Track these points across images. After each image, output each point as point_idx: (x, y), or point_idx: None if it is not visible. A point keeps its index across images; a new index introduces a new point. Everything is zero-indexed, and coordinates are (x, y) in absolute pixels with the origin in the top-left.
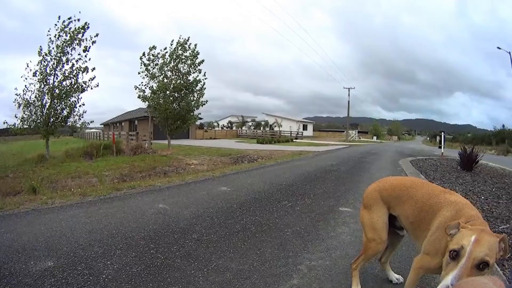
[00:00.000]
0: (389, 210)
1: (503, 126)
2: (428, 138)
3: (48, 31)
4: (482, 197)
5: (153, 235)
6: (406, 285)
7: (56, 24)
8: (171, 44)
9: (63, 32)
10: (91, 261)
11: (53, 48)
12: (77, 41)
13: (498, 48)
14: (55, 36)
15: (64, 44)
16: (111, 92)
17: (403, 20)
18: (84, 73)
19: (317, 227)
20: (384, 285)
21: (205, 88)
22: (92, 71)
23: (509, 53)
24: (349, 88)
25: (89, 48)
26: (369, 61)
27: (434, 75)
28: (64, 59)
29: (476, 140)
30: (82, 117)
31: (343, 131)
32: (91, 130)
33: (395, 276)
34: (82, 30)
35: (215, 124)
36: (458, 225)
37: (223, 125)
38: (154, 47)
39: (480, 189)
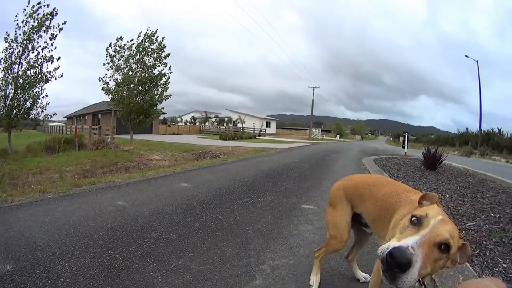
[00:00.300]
0: (354, 208)
1: (467, 129)
2: (391, 138)
3: (16, 16)
4: (447, 196)
5: (111, 234)
6: (369, 286)
7: (25, 9)
8: (139, 36)
9: (31, 18)
10: (49, 264)
11: (19, 34)
12: (44, 28)
13: (466, 56)
14: (22, 22)
15: (31, 30)
16: (76, 84)
17: (373, 24)
18: (49, 63)
19: (279, 225)
20: (352, 284)
21: (169, 82)
22: (57, 60)
23: (477, 61)
24: (313, 87)
25: (55, 36)
26: (336, 62)
27: (400, 78)
28: (30, 46)
29: (439, 141)
30: (45, 109)
31: (306, 129)
32: (55, 124)
33: (362, 275)
34: (50, 17)
35: (179, 119)
36: (435, 198)
37: (186, 120)
38: (121, 38)
39: (444, 188)
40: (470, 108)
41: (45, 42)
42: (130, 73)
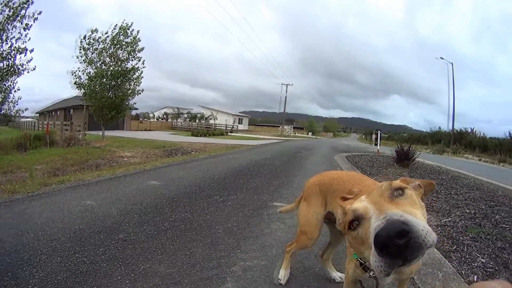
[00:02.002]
0: (327, 205)
1: (439, 128)
2: (363, 136)
3: None
4: None
5: (79, 236)
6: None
7: None
8: (114, 29)
9: (6, 6)
10: (17, 269)
11: None
12: (19, 18)
13: (441, 58)
14: None
15: (6, 20)
16: (49, 78)
17: (349, 24)
18: (22, 55)
19: (250, 223)
20: (327, 285)
21: (142, 77)
22: (30, 52)
23: (451, 64)
24: (287, 85)
25: (30, 26)
26: (310, 60)
27: (373, 77)
28: (4, 37)
29: (412, 139)
30: (17, 104)
31: (279, 126)
32: (27, 120)
33: (337, 275)
34: (25, 6)
35: (151, 115)
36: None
37: (158, 116)
38: (95, 30)
39: None
40: (443, 109)
41: (19, 32)
42: (103, 67)
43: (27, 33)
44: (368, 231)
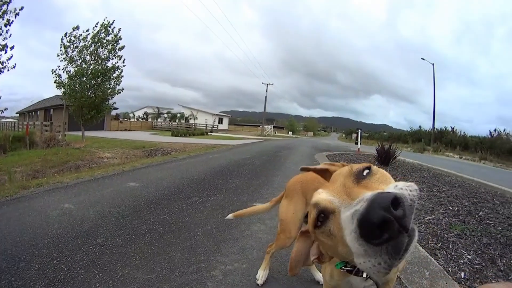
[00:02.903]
0: (308, 205)
1: (420, 127)
2: (343, 135)
3: None
4: None
5: (56, 242)
6: None
7: None
8: (95, 26)
9: None
10: None
11: None
12: (1, 13)
13: (422, 59)
14: None
15: None
16: (30, 77)
17: (331, 25)
18: (2, 52)
19: (230, 225)
20: (312, 286)
21: (122, 76)
22: (10, 50)
23: (433, 64)
24: (267, 84)
25: (11, 22)
26: (290, 59)
27: (353, 77)
28: None
29: (392, 138)
30: None
31: (259, 126)
32: (7, 120)
33: (321, 276)
34: (8, 1)
35: (131, 115)
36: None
37: (139, 116)
38: (77, 27)
39: None
40: (423, 108)
41: (0, 29)
42: (84, 65)
43: (8, 29)
44: (340, 228)
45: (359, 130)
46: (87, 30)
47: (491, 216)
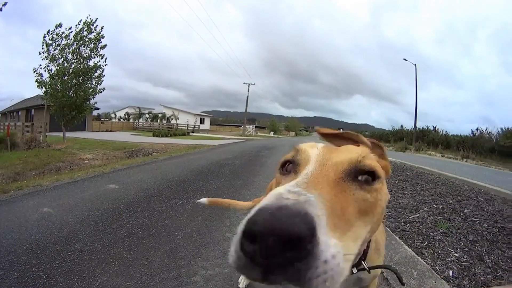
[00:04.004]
0: None
1: (402, 126)
2: None
3: None
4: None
5: (35, 248)
6: None
7: None
8: (78, 24)
9: None
10: None
11: None
12: None
13: (405, 59)
14: None
15: None
16: (13, 76)
17: (314, 25)
18: None
19: (210, 228)
20: None
21: (104, 76)
22: None
23: (415, 65)
24: (249, 84)
25: None
26: (273, 59)
27: (335, 77)
28: None
29: (374, 137)
30: None
31: (241, 126)
32: None
33: None
34: None
35: (112, 115)
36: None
37: (120, 116)
38: (60, 25)
39: None
40: (405, 108)
41: None
42: (66, 64)
43: None
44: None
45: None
46: (70, 28)
47: (476, 213)
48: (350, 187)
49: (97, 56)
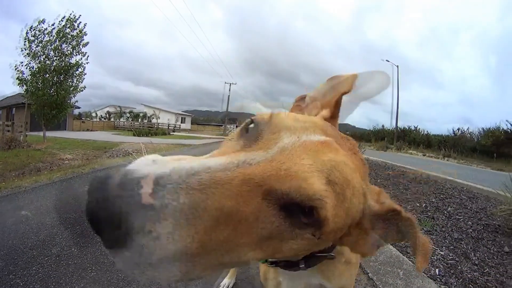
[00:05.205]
0: None
1: (383, 126)
2: None
3: None
4: None
5: (13, 253)
6: None
7: None
8: (61, 20)
9: None
10: None
11: None
12: None
13: (387, 60)
14: None
15: None
16: None
17: (296, 25)
18: None
19: None
20: None
21: (85, 74)
22: None
23: (397, 66)
24: (230, 83)
25: None
26: (254, 59)
27: (317, 77)
28: None
29: (355, 137)
30: None
31: (222, 125)
32: None
33: None
34: None
35: (93, 114)
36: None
37: (101, 115)
38: (42, 21)
39: None
40: (387, 108)
41: None
42: (47, 61)
43: None
44: None
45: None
46: (53, 24)
47: (460, 211)
48: (268, 208)
49: (79, 54)
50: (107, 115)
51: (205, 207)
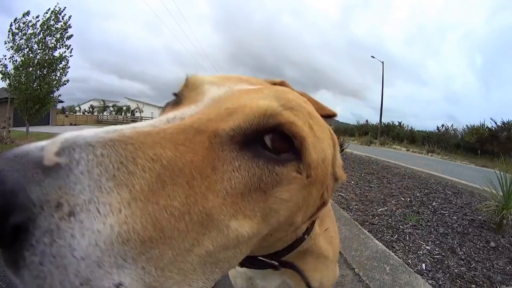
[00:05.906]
0: None
1: (367, 121)
2: None
3: None
4: (353, 182)
5: None
6: None
7: None
8: (46, 12)
9: None
10: None
11: None
12: None
13: (372, 57)
14: None
15: None
16: None
17: (283, 20)
18: None
19: None
20: None
21: (69, 67)
22: None
23: (382, 62)
24: None
25: None
26: (239, 53)
27: (301, 72)
28: None
29: (339, 131)
30: None
31: None
32: None
33: None
34: None
35: (77, 108)
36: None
37: (85, 109)
38: (27, 13)
39: (349, 175)
40: (371, 103)
41: None
42: (31, 54)
43: None
44: None
45: None
46: (37, 17)
47: (445, 206)
48: (231, 157)
49: (63, 47)
50: (91, 109)
51: (133, 157)
